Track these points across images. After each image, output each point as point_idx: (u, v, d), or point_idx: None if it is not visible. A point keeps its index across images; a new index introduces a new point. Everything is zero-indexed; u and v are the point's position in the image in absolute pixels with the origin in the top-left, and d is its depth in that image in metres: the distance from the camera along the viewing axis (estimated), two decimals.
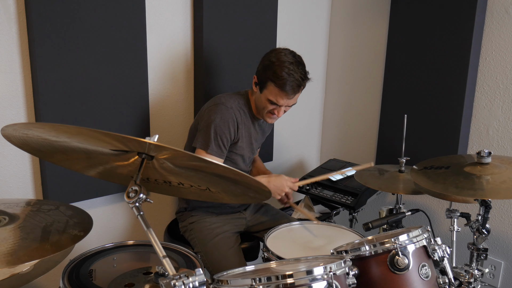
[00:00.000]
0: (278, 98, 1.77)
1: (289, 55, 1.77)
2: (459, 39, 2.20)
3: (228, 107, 1.80)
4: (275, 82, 1.73)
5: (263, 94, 1.80)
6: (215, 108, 1.80)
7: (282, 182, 1.84)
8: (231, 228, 1.94)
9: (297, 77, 1.73)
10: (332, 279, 1.05)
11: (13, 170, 1.76)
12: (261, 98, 1.81)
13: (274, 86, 1.75)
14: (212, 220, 1.91)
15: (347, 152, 2.89)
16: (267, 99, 1.79)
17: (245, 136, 1.91)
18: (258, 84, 1.81)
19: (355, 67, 2.79)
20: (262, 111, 1.85)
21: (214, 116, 1.78)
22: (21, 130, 1.04)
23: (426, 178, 1.60)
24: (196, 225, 1.91)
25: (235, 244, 1.89)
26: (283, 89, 1.74)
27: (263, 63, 1.79)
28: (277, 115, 1.84)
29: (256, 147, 2.05)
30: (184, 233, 1.96)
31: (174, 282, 0.94)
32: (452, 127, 2.28)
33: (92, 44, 1.80)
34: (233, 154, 1.90)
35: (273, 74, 1.73)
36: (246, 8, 2.26)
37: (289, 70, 1.72)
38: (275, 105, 1.80)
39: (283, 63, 1.73)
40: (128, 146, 1.04)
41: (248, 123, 1.91)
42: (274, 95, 1.76)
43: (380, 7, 2.58)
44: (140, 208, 1.05)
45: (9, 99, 1.70)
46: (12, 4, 1.65)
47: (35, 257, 1.03)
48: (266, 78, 1.76)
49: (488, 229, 1.59)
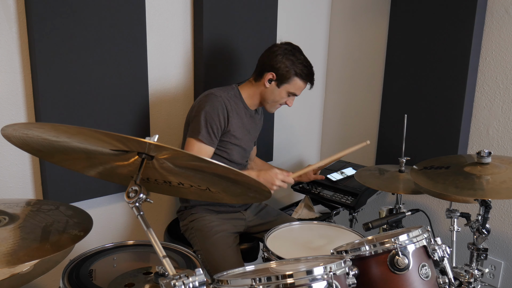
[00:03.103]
0: (299, 90, 1.94)
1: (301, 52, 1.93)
2: (459, 39, 2.20)
3: (217, 95, 1.86)
4: (301, 76, 1.89)
5: (283, 88, 1.90)
6: (205, 98, 1.87)
7: (271, 176, 1.82)
8: (230, 227, 1.94)
9: (313, 69, 1.94)
10: (332, 279, 1.05)
11: (13, 170, 1.77)
12: (279, 92, 1.91)
13: (300, 80, 1.90)
14: (212, 218, 1.92)
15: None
16: (288, 92, 1.91)
17: (239, 125, 1.92)
18: (277, 80, 1.89)
19: (355, 67, 2.79)
20: (275, 104, 1.96)
21: (204, 104, 1.84)
22: (21, 130, 1.04)
23: (426, 178, 1.60)
24: (195, 223, 1.91)
25: (234, 243, 1.90)
26: (306, 81, 1.93)
27: (285, 62, 1.87)
28: (289, 105, 1.98)
29: (253, 137, 2.07)
30: (185, 232, 1.97)
31: (174, 282, 0.94)
32: (452, 127, 2.28)
33: (92, 44, 1.80)
34: (229, 144, 1.91)
35: (299, 69, 1.88)
36: (246, 8, 2.26)
37: (308, 64, 1.91)
38: (291, 96, 1.94)
39: (303, 59, 1.90)
40: (128, 146, 1.04)
41: (240, 112, 1.94)
42: (298, 88, 1.92)
43: (380, 7, 2.58)
44: (140, 208, 1.05)
45: (9, 99, 1.71)
46: (12, 4, 1.65)
47: (35, 257, 1.03)
48: (291, 74, 1.88)
49: (488, 229, 1.59)
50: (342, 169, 2.46)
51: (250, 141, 2.04)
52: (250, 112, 2.00)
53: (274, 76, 1.88)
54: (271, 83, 1.90)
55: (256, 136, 2.13)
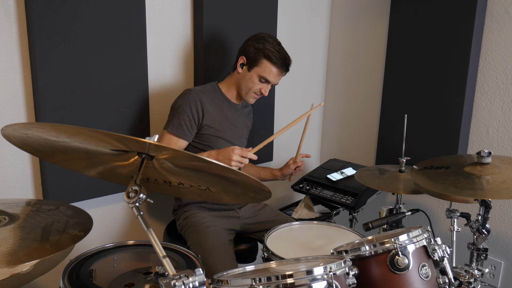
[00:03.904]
0: (270, 74, 1.90)
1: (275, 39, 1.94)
2: (459, 39, 2.20)
3: (191, 90, 1.90)
4: (270, 59, 1.87)
5: (254, 72, 1.90)
6: (180, 94, 1.92)
7: (228, 151, 1.74)
8: (223, 224, 1.94)
9: (288, 56, 1.92)
10: (332, 279, 1.05)
11: (13, 170, 1.77)
12: (250, 76, 1.91)
13: (268, 62, 1.88)
14: (204, 215, 1.93)
15: (347, 152, 2.89)
16: (258, 75, 1.90)
17: (218, 116, 1.93)
18: (247, 64, 1.91)
19: (355, 67, 2.79)
20: (248, 91, 1.94)
21: (178, 99, 1.90)
22: (21, 130, 1.04)
23: (426, 178, 1.60)
24: (189, 220, 1.92)
25: (225, 239, 1.89)
26: (277, 65, 1.88)
27: (254, 45, 1.89)
28: (264, 93, 1.94)
29: (242, 132, 2.07)
30: (181, 231, 1.98)
31: (174, 282, 0.94)
32: (452, 127, 2.28)
33: (92, 44, 1.80)
34: (211, 137, 1.92)
35: (269, 51, 1.87)
36: (246, 8, 2.26)
37: (281, 49, 1.90)
38: (264, 83, 1.92)
39: (276, 44, 1.90)
40: (128, 146, 1.04)
41: (221, 105, 1.96)
42: (267, 71, 1.89)
43: (380, 7, 2.58)
44: (140, 208, 1.05)
45: (9, 99, 1.71)
46: (12, 4, 1.66)
47: (35, 257, 1.03)
48: (260, 56, 1.88)
49: (488, 229, 1.59)
50: (342, 169, 2.47)
51: (238, 135, 2.04)
52: (234, 105, 2.02)
53: (244, 60, 1.91)
54: (243, 68, 1.92)
55: (246, 132, 2.13)
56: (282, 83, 2.64)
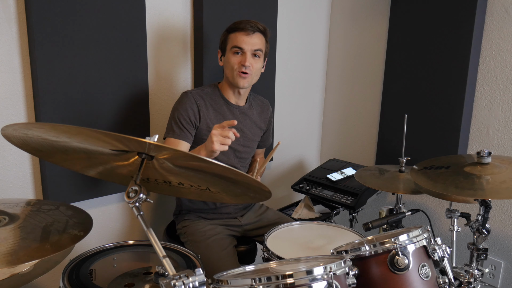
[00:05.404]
0: (238, 40, 1.83)
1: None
2: (459, 39, 2.20)
3: (187, 93, 1.88)
4: (232, 29, 1.85)
5: (227, 52, 1.86)
6: (178, 98, 1.90)
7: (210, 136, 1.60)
8: (224, 230, 1.93)
9: (251, 20, 1.86)
10: (332, 279, 1.05)
11: (13, 170, 1.76)
12: (227, 57, 1.87)
13: (232, 33, 1.85)
14: (205, 223, 1.92)
15: (347, 152, 2.89)
16: (232, 50, 1.84)
17: (215, 120, 1.87)
18: (221, 51, 1.91)
19: (355, 67, 2.79)
20: (232, 72, 1.85)
21: (176, 104, 1.88)
22: (21, 130, 1.04)
23: (426, 178, 1.60)
24: (188, 229, 1.92)
25: (229, 246, 1.87)
26: (239, 29, 1.83)
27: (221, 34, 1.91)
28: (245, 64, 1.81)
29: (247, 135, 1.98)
30: (179, 235, 1.97)
31: (174, 282, 0.94)
32: (452, 127, 2.28)
33: (92, 44, 1.80)
34: None
35: (229, 27, 1.87)
36: (246, 8, 2.26)
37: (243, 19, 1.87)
38: (240, 54, 1.83)
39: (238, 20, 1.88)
40: (128, 146, 1.04)
41: (220, 108, 1.91)
42: (235, 40, 1.83)
43: (380, 7, 2.58)
44: (140, 208, 1.05)
45: (9, 99, 1.71)
46: (12, 4, 1.65)
47: (35, 257, 1.03)
48: (225, 36, 1.87)
49: (488, 229, 1.59)
50: (342, 169, 2.47)
51: (243, 140, 1.96)
52: (237, 108, 1.95)
53: (220, 51, 1.92)
54: (222, 59, 1.92)
55: (257, 132, 2.04)
56: (282, 83, 2.64)
